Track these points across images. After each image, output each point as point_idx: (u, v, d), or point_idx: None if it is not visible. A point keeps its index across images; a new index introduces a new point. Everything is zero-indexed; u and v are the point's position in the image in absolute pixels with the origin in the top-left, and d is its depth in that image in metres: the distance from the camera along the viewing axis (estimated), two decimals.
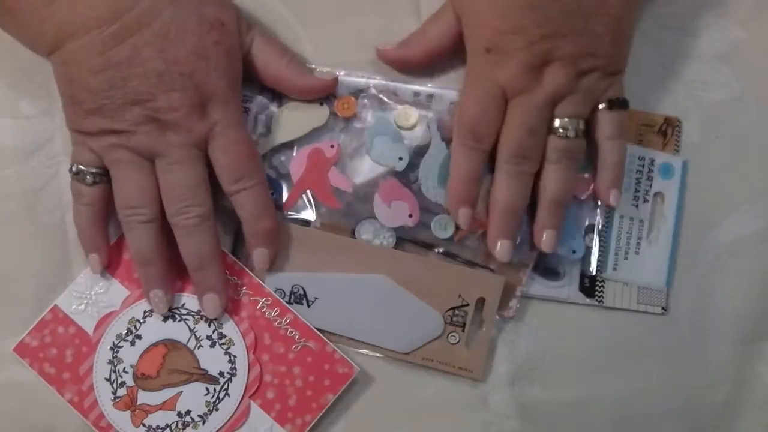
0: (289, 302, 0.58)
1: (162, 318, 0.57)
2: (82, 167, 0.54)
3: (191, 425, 0.56)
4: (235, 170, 0.53)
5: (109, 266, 0.57)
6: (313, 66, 0.60)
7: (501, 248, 0.55)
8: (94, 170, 0.54)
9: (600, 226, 0.59)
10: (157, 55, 0.51)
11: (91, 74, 0.51)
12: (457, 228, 0.58)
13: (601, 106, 0.55)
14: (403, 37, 0.60)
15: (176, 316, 0.57)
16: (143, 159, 0.53)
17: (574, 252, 0.58)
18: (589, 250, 0.59)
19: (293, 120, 0.59)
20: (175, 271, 0.57)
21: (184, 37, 0.51)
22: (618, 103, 0.55)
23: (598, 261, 0.59)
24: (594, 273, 0.59)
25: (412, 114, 0.59)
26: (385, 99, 0.60)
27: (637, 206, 0.60)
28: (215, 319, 0.57)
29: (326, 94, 0.59)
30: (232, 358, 0.56)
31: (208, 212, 0.53)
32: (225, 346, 0.57)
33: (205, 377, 0.56)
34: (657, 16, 0.62)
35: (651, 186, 0.60)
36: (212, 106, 0.53)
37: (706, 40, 0.62)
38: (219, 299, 0.55)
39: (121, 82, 0.51)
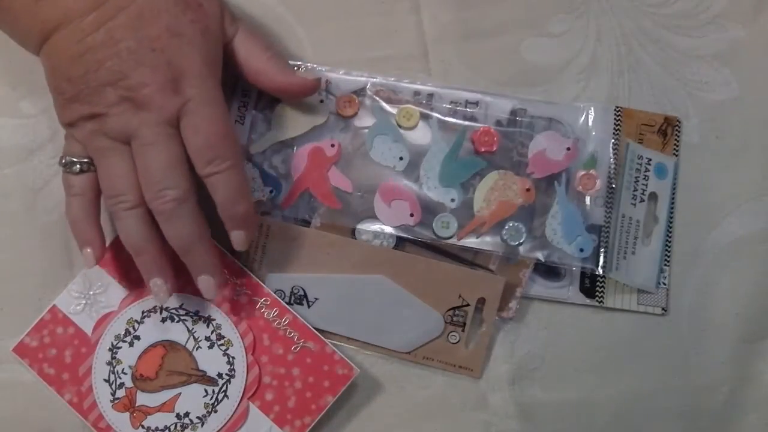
0: (289, 303, 0.57)
1: (160, 319, 0.56)
2: (71, 158, 0.53)
3: (190, 427, 0.56)
4: (207, 151, 0.51)
5: (108, 266, 0.57)
6: (300, 63, 0.60)
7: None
8: (82, 160, 0.53)
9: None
10: (130, 35, 0.50)
11: (70, 62, 0.50)
12: (459, 227, 0.58)
13: None
14: (403, 36, 0.60)
15: (174, 316, 0.57)
16: (121, 144, 0.51)
17: (581, 250, 0.58)
18: (595, 249, 0.59)
19: (293, 118, 0.59)
20: (175, 268, 0.57)
21: (158, 16, 0.50)
22: None
23: (604, 260, 0.59)
24: (601, 272, 0.59)
25: (412, 113, 0.59)
26: (386, 98, 0.60)
27: (635, 205, 0.60)
28: (214, 320, 0.56)
29: (307, 95, 0.58)
30: (230, 359, 0.56)
31: (186, 194, 0.51)
32: (223, 347, 0.56)
33: (204, 379, 0.56)
34: (657, 15, 0.62)
35: (647, 186, 0.60)
36: (185, 81, 0.51)
37: (706, 40, 0.62)
38: (213, 280, 0.53)
39: (95, 65, 0.50)
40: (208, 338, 0.56)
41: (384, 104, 0.60)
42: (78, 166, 0.53)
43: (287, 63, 0.58)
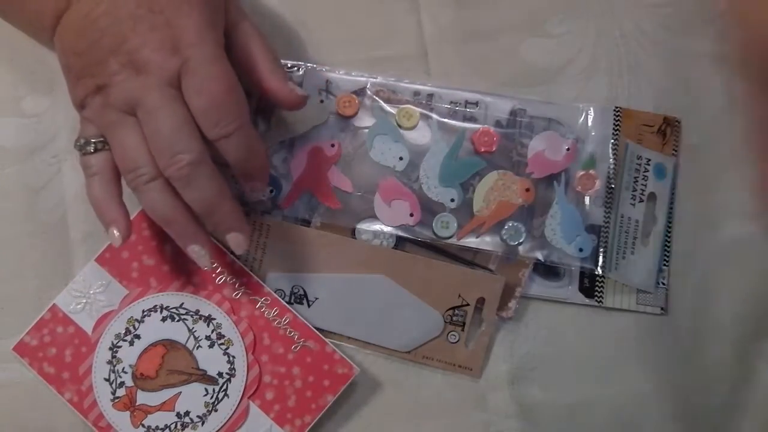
0: (289, 302, 0.58)
1: (161, 318, 0.57)
2: (85, 139, 0.52)
3: (190, 426, 0.56)
4: (212, 112, 0.49)
5: (108, 265, 0.57)
6: (301, 64, 0.60)
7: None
8: (96, 139, 0.52)
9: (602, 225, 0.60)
10: (131, 0, 0.49)
11: (77, 36, 0.50)
12: (459, 227, 0.58)
13: None
14: (403, 36, 0.61)
15: (175, 316, 0.57)
16: (129, 116, 0.50)
17: (581, 250, 0.58)
18: (595, 249, 0.59)
19: (293, 118, 0.59)
20: (176, 267, 0.57)
21: None
22: None
23: (603, 260, 0.59)
24: (600, 272, 0.59)
25: (412, 113, 0.59)
26: (386, 98, 0.60)
27: (634, 205, 0.60)
28: (214, 319, 0.56)
29: (292, 107, 0.56)
30: (231, 358, 0.56)
31: (200, 155, 0.49)
32: (224, 347, 0.56)
33: (204, 378, 0.56)
34: (657, 16, 0.62)
35: (646, 186, 0.60)
36: (184, 40, 0.49)
37: (706, 40, 0.62)
38: (242, 235, 0.53)
39: (99, 34, 0.49)
40: (208, 337, 0.57)
41: (384, 104, 0.60)
42: (92, 145, 0.52)
43: (284, 69, 0.56)
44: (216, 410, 0.56)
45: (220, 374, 0.56)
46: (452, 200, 0.59)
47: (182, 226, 0.52)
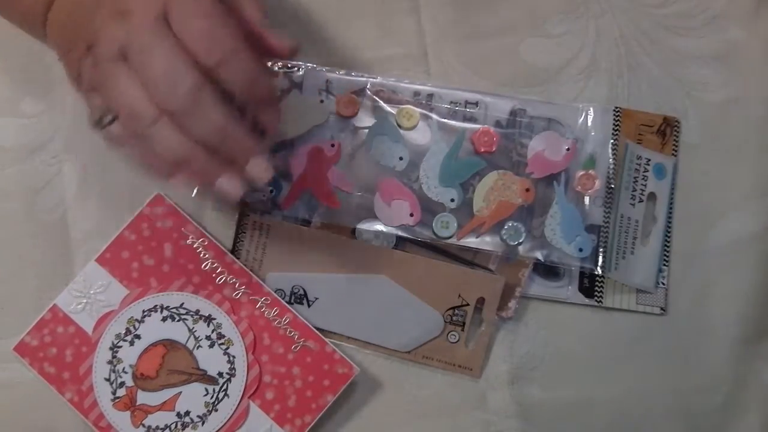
0: (289, 302, 0.58)
1: (161, 318, 0.57)
2: (98, 113, 0.48)
3: (191, 426, 0.56)
4: (205, 41, 0.46)
5: (108, 265, 0.57)
6: (300, 63, 0.60)
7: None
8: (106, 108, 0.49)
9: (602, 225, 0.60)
10: None
11: (68, 16, 0.50)
12: (459, 227, 0.58)
13: None
14: (403, 36, 0.61)
15: (175, 316, 0.57)
16: (120, 63, 0.47)
17: (581, 250, 0.59)
18: (594, 249, 0.59)
19: (293, 118, 0.59)
20: (176, 267, 0.57)
21: None
22: None
23: (603, 260, 0.59)
24: (600, 272, 0.59)
25: (412, 113, 0.59)
26: (386, 98, 0.60)
27: (634, 205, 0.60)
28: (214, 319, 0.57)
29: (279, 53, 0.51)
30: (231, 358, 0.56)
31: (197, 80, 0.45)
32: (224, 347, 0.57)
33: (204, 378, 0.56)
34: (657, 16, 0.62)
35: (646, 186, 0.60)
36: None
37: (706, 40, 0.62)
38: (262, 160, 0.48)
39: (83, 2, 0.48)
40: (208, 337, 0.57)
41: (384, 104, 0.60)
42: (109, 116, 0.48)
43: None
44: (216, 410, 0.56)
45: (220, 374, 0.56)
46: (452, 200, 0.59)
47: (200, 162, 0.47)
